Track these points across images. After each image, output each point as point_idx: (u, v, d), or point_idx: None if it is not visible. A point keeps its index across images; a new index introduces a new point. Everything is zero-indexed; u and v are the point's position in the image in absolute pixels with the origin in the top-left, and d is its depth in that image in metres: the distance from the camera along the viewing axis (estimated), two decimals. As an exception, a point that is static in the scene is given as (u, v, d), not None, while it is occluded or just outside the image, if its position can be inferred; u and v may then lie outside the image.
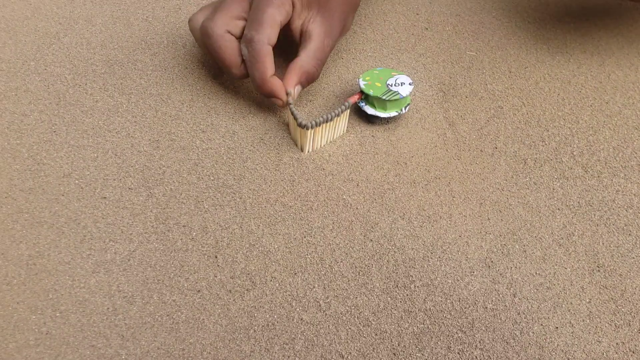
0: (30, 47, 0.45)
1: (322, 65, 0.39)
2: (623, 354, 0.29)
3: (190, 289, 0.31)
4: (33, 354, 0.29)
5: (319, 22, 0.39)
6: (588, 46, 0.47)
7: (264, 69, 0.36)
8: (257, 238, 0.33)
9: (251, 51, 0.36)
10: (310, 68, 0.38)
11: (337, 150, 0.38)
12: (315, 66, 0.38)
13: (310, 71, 0.38)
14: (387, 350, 0.29)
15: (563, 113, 0.41)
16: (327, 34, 0.39)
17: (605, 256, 0.33)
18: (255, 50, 0.36)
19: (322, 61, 0.39)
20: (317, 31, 0.39)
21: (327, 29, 0.39)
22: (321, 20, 0.39)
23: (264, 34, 0.36)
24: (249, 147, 0.38)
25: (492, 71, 0.45)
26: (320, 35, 0.38)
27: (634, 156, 0.39)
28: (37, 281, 0.31)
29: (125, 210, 0.35)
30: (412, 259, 0.33)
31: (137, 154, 0.38)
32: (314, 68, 0.38)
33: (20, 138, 0.38)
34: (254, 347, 0.29)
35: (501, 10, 0.51)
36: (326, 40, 0.39)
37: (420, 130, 0.40)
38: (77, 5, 0.50)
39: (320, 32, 0.39)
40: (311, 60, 0.38)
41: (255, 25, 0.36)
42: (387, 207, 0.35)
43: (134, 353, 0.29)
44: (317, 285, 0.32)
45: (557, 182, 0.37)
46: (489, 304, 0.31)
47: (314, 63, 0.38)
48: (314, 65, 0.38)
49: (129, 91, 0.42)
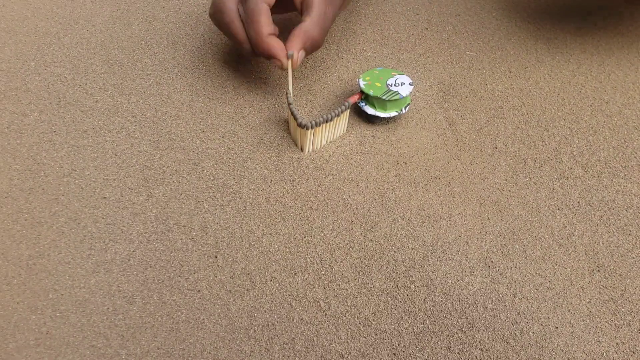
0: (30, 47, 0.45)
1: (325, 33, 0.38)
2: (623, 354, 0.29)
3: (190, 289, 0.31)
4: (33, 354, 0.29)
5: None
6: (588, 46, 0.47)
7: (259, 27, 0.36)
8: (257, 238, 0.33)
9: (247, 9, 0.36)
10: (315, 34, 0.37)
11: (337, 150, 0.38)
12: (319, 33, 0.38)
13: (314, 37, 0.37)
14: (387, 350, 0.29)
15: (563, 113, 0.41)
16: (328, 2, 0.38)
17: (605, 256, 0.33)
18: (250, 9, 0.36)
19: (326, 29, 0.38)
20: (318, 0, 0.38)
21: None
22: None
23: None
24: (249, 147, 0.38)
25: (492, 71, 0.45)
26: (321, 3, 0.38)
27: (634, 156, 0.39)
28: (37, 281, 0.31)
29: (125, 210, 0.35)
30: (412, 259, 0.33)
31: (137, 154, 0.38)
32: (318, 34, 0.37)
33: (20, 138, 0.38)
34: (254, 347, 0.29)
35: (501, 10, 0.51)
36: (328, 8, 0.38)
37: (420, 130, 0.40)
38: (77, 5, 0.50)
39: (321, 0, 0.38)
40: (315, 26, 0.37)
41: None
42: (387, 207, 0.35)
43: (134, 353, 0.29)
44: (317, 285, 0.32)
45: (557, 182, 0.37)
46: (489, 304, 0.31)
47: (318, 29, 0.37)
48: (318, 32, 0.37)
49: (129, 91, 0.42)
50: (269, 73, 0.44)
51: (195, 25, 0.48)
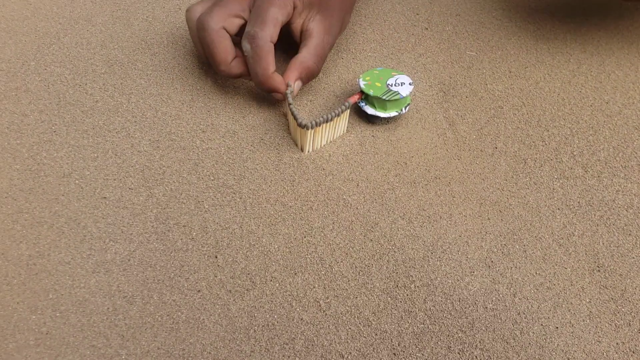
0: (30, 47, 0.45)
1: (322, 61, 0.40)
2: (623, 354, 0.29)
3: (190, 289, 0.31)
4: (33, 354, 0.29)
5: (318, 21, 0.40)
6: (588, 46, 0.47)
7: (267, 66, 0.37)
8: (257, 238, 0.33)
9: (254, 48, 0.37)
10: (311, 64, 0.39)
11: (337, 150, 0.38)
12: (315, 62, 0.39)
13: (310, 67, 0.39)
14: (387, 350, 0.29)
15: (563, 113, 0.41)
16: (327, 32, 0.40)
17: (605, 256, 0.33)
18: (258, 47, 0.37)
19: (322, 57, 0.40)
20: (317, 29, 0.39)
21: (326, 27, 0.40)
22: (321, 19, 0.40)
23: (267, 32, 0.37)
24: (249, 147, 0.38)
25: (492, 71, 0.45)
26: (320, 33, 0.39)
27: (634, 156, 0.39)
28: (37, 281, 0.31)
29: (125, 210, 0.35)
30: (412, 259, 0.33)
31: (137, 154, 0.38)
32: (314, 64, 0.39)
33: (20, 138, 0.38)
34: (254, 347, 0.29)
35: (501, 10, 0.51)
36: (326, 37, 0.40)
37: (420, 130, 0.40)
38: (77, 5, 0.50)
39: (320, 30, 0.40)
40: (311, 56, 0.39)
41: (258, 23, 0.37)
42: (387, 207, 0.35)
43: (134, 353, 0.29)
44: (317, 285, 0.32)
45: (557, 182, 0.37)
46: (489, 304, 0.31)
47: (314, 59, 0.39)
48: (315, 62, 0.39)
49: (129, 91, 0.42)
50: (269, 73, 0.44)
51: (195, 25, 0.48)
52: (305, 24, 0.40)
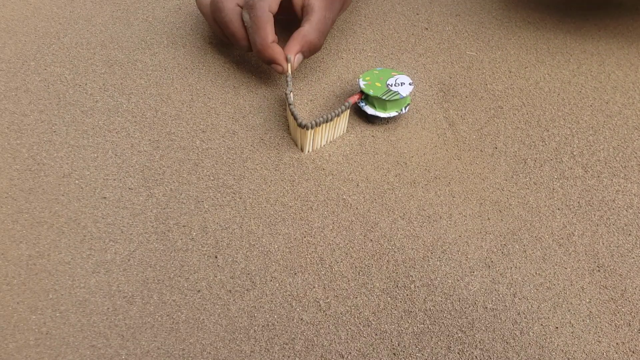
0: (30, 47, 0.45)
1: (324, 36, 0.40)
2: (623, 354, 0.29)
3: (190, 289, 0.31)
4: (33, 354, 0.29)
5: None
6: (588, 46, 0.47)
7: (265, 35, 0.37)
8: (257, 238, 0.33)
9: (253, 17, 0.37)
10: (313, 38, 0.39)
11: (337, 150, 0.38)
12: (317, 37, 0.39)
13: (312, 41, 0.39)
14: (387, 350, 0.29)
15: (563, 113, 0.41)
16: (328, 8, 0.40)
17: (605, 256, 0.33)
18: (256, 17, 0.37)
19: (324, 33, 0.40)
20: (318, 4, 0.39)
21: (327, 3, 0.40)
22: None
23: (266, 1, 0.37)
24: (249, 147, 0.38)
25: (492, 71, 0.45)
26: (321, 8, 0.39)
27: (634, 156, 0.39)
28: (37, 281, 0.31)
29: (125, 210, 0.35)
30: (412, 259, 0.33)
31: (137, 154, 0.38)
32: (316, 38, 0.39)
33: (20, 138, 0.38)
34: (254, 347, 0.29)
35: (501, 10, 0.51)
36: (327, 13, 0.40)
37: (420, 130, 0.40)
38: (77, 5, 0.50)
39: (321, 5, 0.40)
40: (314, 30, 0.39)
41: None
42: (387, 207, 0.35)
43: (134, 353, 0.29)
44: (317, 285, 0.32)
45: (557, 182, 0.37)
46: (489, 304, 0.31)
47: (316, 34, 0.39)
48: (317, 37, 0.39)
49: (129, 91, 0.42)
50: (269, 73, 0.44)
51: (195, 25, 0.48)
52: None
